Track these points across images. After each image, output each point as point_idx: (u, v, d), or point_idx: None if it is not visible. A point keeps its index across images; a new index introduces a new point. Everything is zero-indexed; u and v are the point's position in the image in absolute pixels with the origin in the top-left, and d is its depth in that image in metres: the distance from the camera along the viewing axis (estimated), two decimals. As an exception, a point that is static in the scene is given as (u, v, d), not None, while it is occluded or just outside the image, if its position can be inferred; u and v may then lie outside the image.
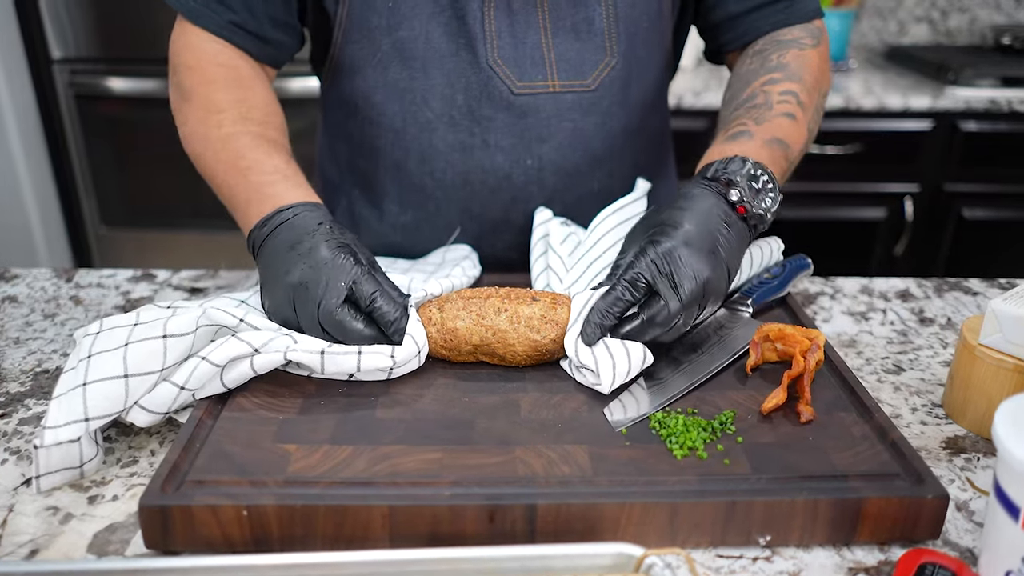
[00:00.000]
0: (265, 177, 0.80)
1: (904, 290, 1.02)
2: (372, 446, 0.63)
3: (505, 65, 0.90)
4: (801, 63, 0.89)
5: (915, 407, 0.77)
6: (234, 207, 0.82)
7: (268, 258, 0.75)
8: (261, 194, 0.79)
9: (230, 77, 0.88)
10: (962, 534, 0.61)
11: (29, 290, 1.00)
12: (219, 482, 0.59)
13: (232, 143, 0.83)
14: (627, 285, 0.71)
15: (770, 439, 0.65)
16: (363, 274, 0.72)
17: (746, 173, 0.76)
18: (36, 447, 0.61)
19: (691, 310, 0.71)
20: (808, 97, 0.86)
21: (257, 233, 0.77)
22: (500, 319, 0.73)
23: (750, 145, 0.80)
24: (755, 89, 0.87)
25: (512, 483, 0.59)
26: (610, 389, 0.70)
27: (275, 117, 0.89)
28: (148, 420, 0.66)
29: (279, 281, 0.73)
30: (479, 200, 0.97)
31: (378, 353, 0.70)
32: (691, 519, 0.58)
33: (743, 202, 0.75)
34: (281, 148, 0.85)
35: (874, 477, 0.60)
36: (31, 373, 0.81)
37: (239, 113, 0.85)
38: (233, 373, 0.68)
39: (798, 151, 0.84)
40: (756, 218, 0.77)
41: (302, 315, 0.72)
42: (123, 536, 0.60)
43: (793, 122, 0.84)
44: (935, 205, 2.17)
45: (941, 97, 2.07)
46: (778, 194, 0.77)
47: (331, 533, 0.58)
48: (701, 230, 0.73)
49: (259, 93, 0.89)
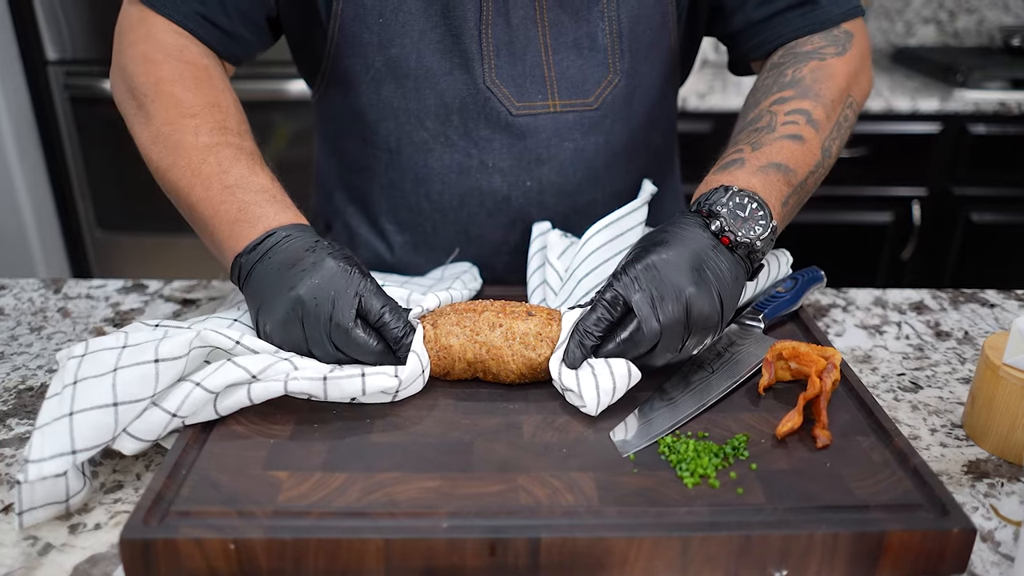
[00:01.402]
0: (252, 196, 0.74)
1: (919, 302, 0.99)
2: (367, 473, 0.60)
3: (503, 85, 0.87)
4: (820, 76, 0.83)
5: (934, 427, 0.74)
6: (215, 227, 0.74)
7: (263, 280, 0.70)
8: (250, 214, 0.73)
9: (199, 76, 0.82)
10: (988, 567, 0.58)
11: (16, 301, 0.97)
12: (205, 513, 0.56)
13: (213, 155, 0.76)
14: (607, 305, 0.68)
15: (785, 465, 0.62)
16: (371, 288, 0.69)
17: (728, 202, 0.72)
18: (19, 482, 0.58)
19: (674, 330, 0.67)
20: (825, 114, 0.81)
21: (246, 258, 0.71)
22: (495, 335, 0.70)
23: (740, 173, 0.76)
24: (762, 110, 0.83)
25: (514, 514, 0.56)
26: (597, 411, 0.67)
27: (246, 123, 0.83)
28: (136, 448, 0.63)
29: (282, 298, 0.68)
30: (477, 222, 0.94)
31: (382, 374, 0.66)
32: (703, 553, 0.55)
33: (725, 232, 0.71)
34: (263, 165, 0.79)
35: (896, 508, 0.57)
36: (14, 391, 0.78)
37: (216, 121, 0.79)
38: (228, 401, 0.65)
39: (805, 173, 0.79)
40: (743, 247, 0.72)
41: (310, 331, 0.67)
42: (105, 569, 0.57)
43: (799, 144, 0.79)
44: (943, 209, 2.14)
45: (949, 99, 2.04)
46: (770, 221, 0.72)
47: (323, 567, 0.55)
48: (685, 250, 0.69)
49: (229, 97, 0.83)
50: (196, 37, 0.84)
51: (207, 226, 0.75)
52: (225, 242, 0.73)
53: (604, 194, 0.94)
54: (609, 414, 0.68)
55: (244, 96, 0.88)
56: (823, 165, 0.81)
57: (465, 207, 0.92)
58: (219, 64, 0.87)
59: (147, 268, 2.47)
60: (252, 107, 0.89)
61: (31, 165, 2.37)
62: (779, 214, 0.75)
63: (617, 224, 0.86)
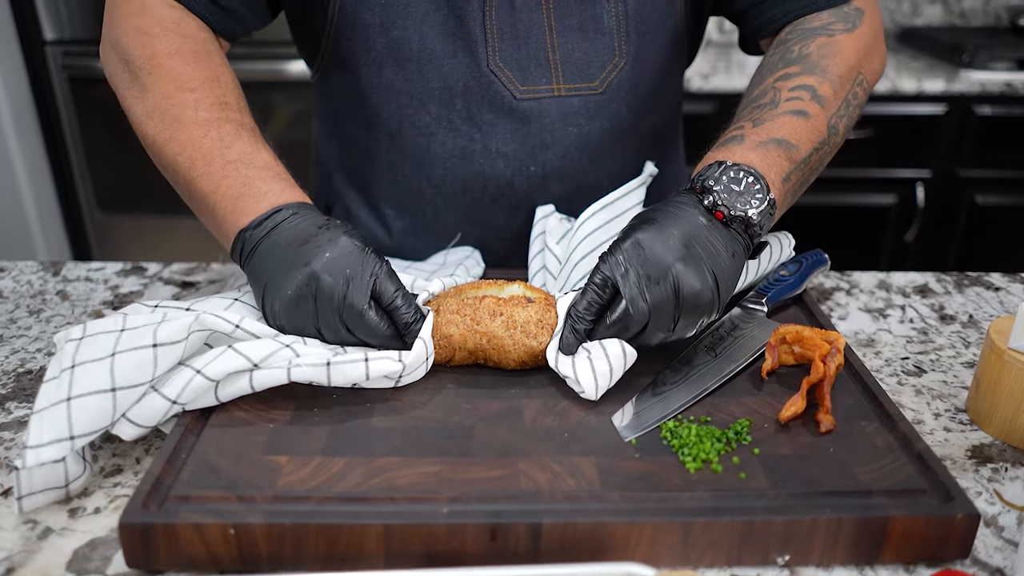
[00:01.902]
0: (256, 172, 0.73)
1: (923, 285, 0.98)
2: (367, 458, 0.60)
3: (507, 68, 0.85)
4: (827, 51, 0.81)
5: (938, 412, 0.73)
6: (216, 202, 0.72)
7: (270, 257, 0.69)
8: (254, 189, 0.72)
9: (198, 51, 0.80)
10: (992, 552, 0.57)
11: (15, 284, 0.97)
12: (204, 498, 0.56)
13: (215, 130, 0.74)
14: (596, 288, 0.68)
15: (788, 450, 0.61)
16: (386, 271, 0.68)
17: (722, 176, 0.70)
18: (17, 468, 0.58)
19: (662, 309, 0.66)
20: (832, 90, 0.79)
21: (250, 234, 0.70)
22: (495, 324, 0.69)
23: (737, 149, 0.74)
24: (767, 86, 0.81)
25: (515, 499, 0.56)
26: (597, 396, 0.66)
27: (246, 103, 0.82)
28: (135, 434, 0.63)
29: (294, 273, 0.66)
30: (479, 207, 0.93)
31: (386, 359, 0.66)
32: (706, 538, 0.54)
33: (718, 206, 0.69)
34: (265, 142, 0.78)
35: (900, 493, 0.57)
36: (13, 374, 0.78)
37: (216, 96, 0.77)
38: (229, 389, 0.64)
39: (809, 149, 0.77)
40: (739, 221, 0.70)
41: (322, 308, 0.66)
42: (104, 553, 0.57)
43: (803, 119, 0.77)
44: (948, 191, 2.13)
45: (955, 80, 2.02)
46: (767, 195, 0.70)
47: (323, 552, 0.54)
48: (673, 228, 0.68)
49: (227, 73, 0.82)
50: (191, 11, 0.83)
51: (207, 201, 0.73)
52: (227, 217, 0.72)
53: (609, 179, 0.93)
54: (611, 399, 0.67)
55: (242, 76, 0.86)
56: (829, 143, 0.79)
57: (468, 192, 0.91)
58: (214, 39, 0.85)
59: (147, 250, 2.47)
60: (250, 87, 0.87)
61: (30, 147, 2.35)
62: (779, 189, 0.73)
63: (612, 206, 0.85)
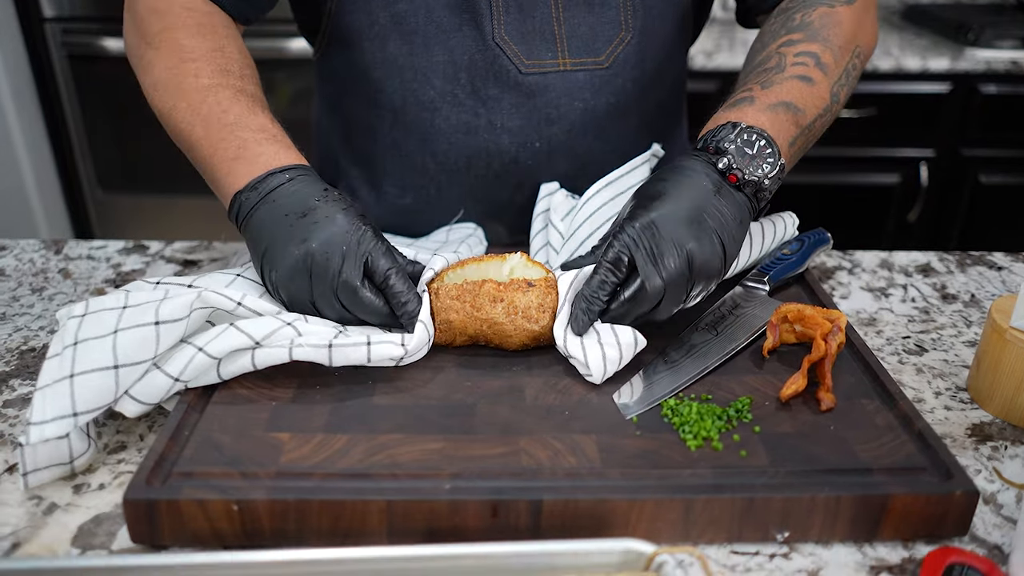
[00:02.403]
0: (251, 135, 0.73)
1: (925, 264, 0.98)
2: (369, 435, 0.60)
3: (512, 42, 0.85)
4: (827, 22, 0.82)
5: (938, 391, 0.73)
6: (214, 165, 0.74)
7: (268, 225, 0.69)
8: (249, 152, 0.72)
9: (204, 24, 0.81)
10: (990, 529, 0.58)
11: (17, 262, 0.97)
12: (208, 474, 0.56)
13: (213, 95, 0.76)
14: (609, 266, 0.68)
15: (789, 428, 0.61)
16: (381, 247, 0.68)
17: (736, 139, 0.71)
18: (21, 444, 0.58)
19: (677, 285, 0.67)
20: (833, 58, 0.80)
21: (246, 196, 0.71)
22: (496, 311, 0.69)
23: (749, 110, 0.74)
24: (771, 52, 0.81)
25: (516, 476, 0.56)
26: (602, 380, 0.66)
27: (252, 71, 0.82)
28: (138, 411, 0.63)
29: (292, 248, 0.67)
30: (483, 183, 0.92)
31: (388, 343, 0.66)
32: (706, 515, 0.55)
33: (733, 169, 0.70)
34: (264, 106, 0.78)
35: (899, 471, 0.57)
36: (16, 351, 0.78)
37: (217, 65, 0.78)
38: (232, 366, 0.64)
39: (814, 115, 0.78)
40: (751, 186, 0.71)
41: (317, 285, 0.67)
42: (109, 528, 0.57)
43: (809, 85, 0.77)
44: (951, 171, 2.12)
45: (960, 58, 2.00)
46: (779, 159, 0.71)
47: (326, 527, 0.55)
48: (684, 201, 0.68)
49: (234, 44, 0.83)
50: None
51: (207, 165, 0.75)
52: (224, 179, 0.73)
53: (614, 155, 0.93)
54: (612, 377, 0.67)
55: (242, 55, 0.86)
56: (831, 110, 0.80)
57: (472, 168, 0.91)
58: (225, 16, 0.86)
59: (148, 229, 2.46)
60: (250, 66, 0.87)
61: (30, 125, 2.34)
62: (787, 154, 0.74)
63: (618, 183, 0.85)
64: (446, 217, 0.94)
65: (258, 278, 0.72)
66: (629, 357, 0.68)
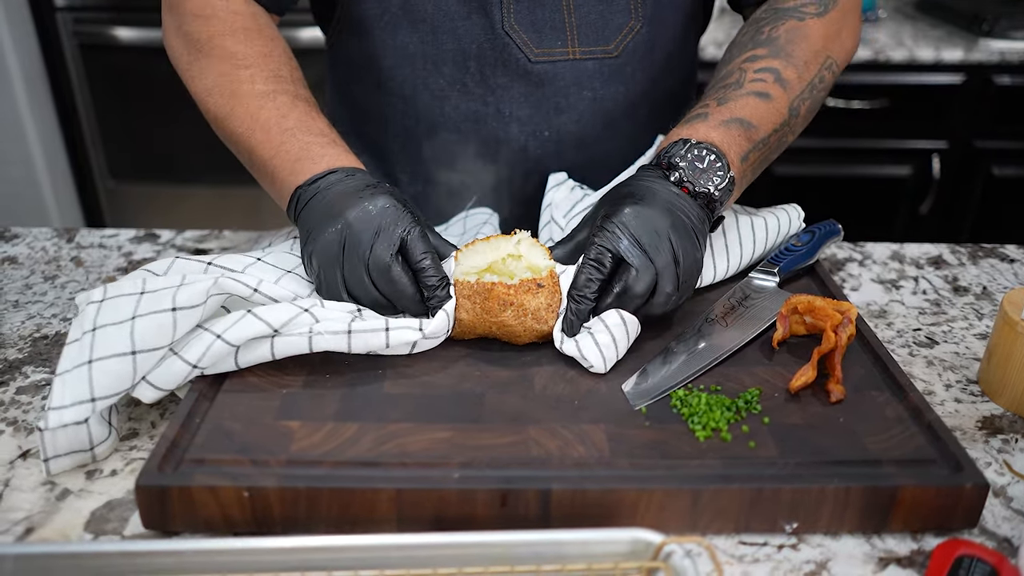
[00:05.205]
0: (314, 138, 0.76)
1: (937, 256, 0.97)
2: (379, 424, 0.60)
3: (522, 31, 0.85)
4: (793, 36, 0.82)
5: (949, 383, 0.73)
6: (277, 166, 0.75)
7: (317, 209, 0.71)
8: (312, 154, 0.74)
9: (250, 27, 0.83)
10: (1000, 522, 0.58)
11: (29, 250, 0.97)
12: (219, 461, 0.56)
13: (271, 101, 0.78)
14: (593, 263, 0.68)
15: (798, 420, 0.61)
16: (418, 230, 0.69)
17: (687, 154, 0.72)
18: (41, 429, 0.58)
19: (668, 269, 0.68)
20: (796, 74, 0.80)
21: (305, 190, 0.72)
22: (506, 314, 0.68)
23: (701, 127, 0.75)
24: (734, 67, 0.82)
25: (525, 465, 0.57)
26: (606, 368, 0.67)
27: (299, 73, 0.84)
28: (155, 396, 0.63)
29: (331, 220, 0.69)
30: (493, 172, 0.92)
31: (406, 328, 0.66)
32: (714, 505, 0.55)
33: (684, 182, 0.72)
34: (318, 110, 0.80)
35: (909, 463, 0.57)
36: (30, 339, 0.79)
37: (270, 70, 0.80)
38: (250, 355, 0.65)
39: (769, 130, 0.78)
40: (703, 197, 0.72)
41: (349, 256, 0.68)
42: (121, 514, 0.58)
43: (765, 101, 0.78)
44: (964, 163, 2.10)
45: (974, 49, 1.98)
46: (728, 172, 0.73)
47: (336, 515, 0.55)
48: (655, 198, 0.70)
49: (280, 46, 0.84)
50: None
51: (267, 166, 0.76)
52: (287, 179, 0.74)
53: (622, 144, 0.93)
54: (621, 367, 0.68)
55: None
56: (789, 124, 0.80)
57: (481, 157, 0.91)
58: (265, 13, 0.87)
59: (159, 218, 2.47)
60: (262, 54, 0.87)
61: (42, 114, 2.35)
62: (738, 168, 0.75)
63: None
64: (456, 206, 0.94)
65: (278, 262, 0.74)
66: (623, 337, 0.68)
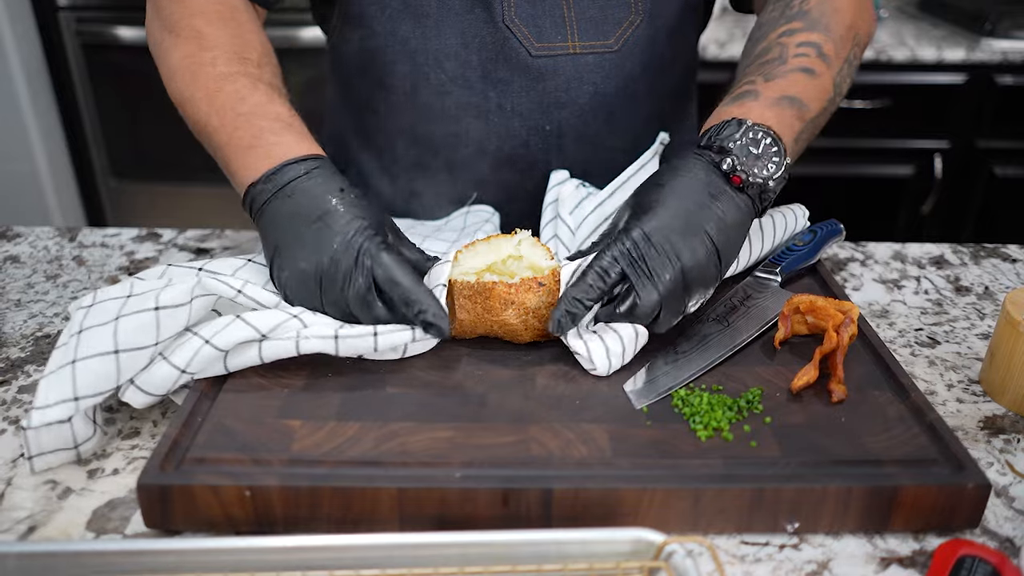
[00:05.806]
0: (267, 123, 0.72)
1: (939, 256, 0.97)
2: (380, 423, 0.60)
3: (523, 24, 0.84)
4: (827, 9, 0.79)
5: (951, 383, 0.73)
6: (229, 155, 0.72)
7: (283, 224, 0.68)
8: (264, 142, 0.71)
9: (223, 12, 0.81)
10: (1002, 522, 0.58)
11: (32, 249, 0.97)
12: (221, 460, 0.57)
13: (229, 84, 0.75)
14: (599, 273, 0.66)
15: (800, 419, 0.61)
16: (388, 259, 0.66)
17: (741, 137, 0.69)
18: (24, 428, 0.59)
19: (673, 300, 0.66)
20: (834, 49, 0.77)
21: (260, 188, 0.70)
22: (508, 314, 0.68)
23: (754, 106, 0.72)
24: (771, 42, 0.79)
25: (527, 465, 0.57)
26: (608, 373, 0.66)
27: (271, 59, 0.82)
28: (145, 402, 0.63)
29: (305, 258, 0.66)
30: (494, 167, 0.92)
31: (396, 332, 0.66)
32: (716, 505, 0.55)
33: (737, 171, 0.68)
34: (282, 94, 0.78)
35: (910, 463, 0.57)
36: (32, 338, 0.79)
37: (235, 52, 0.78)
38: (238, 359, 0.64)
39: (818, 109, 0.75)
40: (756, 188, 0.69)
41: (328, 293, 0.66)
42: (123, 513, 0.58)
43: (811, 77, 0.75)
44: (966, 162, 2.10)
45: (976, 49, 1.98)
46: (784, 159, 0.69)
47: (337, 515, 0.55)
48: (680, 209, 0.66)
49: (254, 32, 0.82)
50: None
51: (222, 154, 0.74)
52: (239, 171, 0.72)
53: (624, 140, 0.93)
54: (622, 367, 0.68)
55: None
56: (834, 102, 0.78)
57: (482, 151, 0.91)
58: (249, 6, 0.86)
59: (161, 217, 2.47)
60: (263, 54, 0.87)
61: (44, 113, 2.35)
62: (792, 151, 0.72)
63: (630, 183, 0.84)
64: (457, 201, 0.94)
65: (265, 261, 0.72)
66: (632, 350, 0.67)
